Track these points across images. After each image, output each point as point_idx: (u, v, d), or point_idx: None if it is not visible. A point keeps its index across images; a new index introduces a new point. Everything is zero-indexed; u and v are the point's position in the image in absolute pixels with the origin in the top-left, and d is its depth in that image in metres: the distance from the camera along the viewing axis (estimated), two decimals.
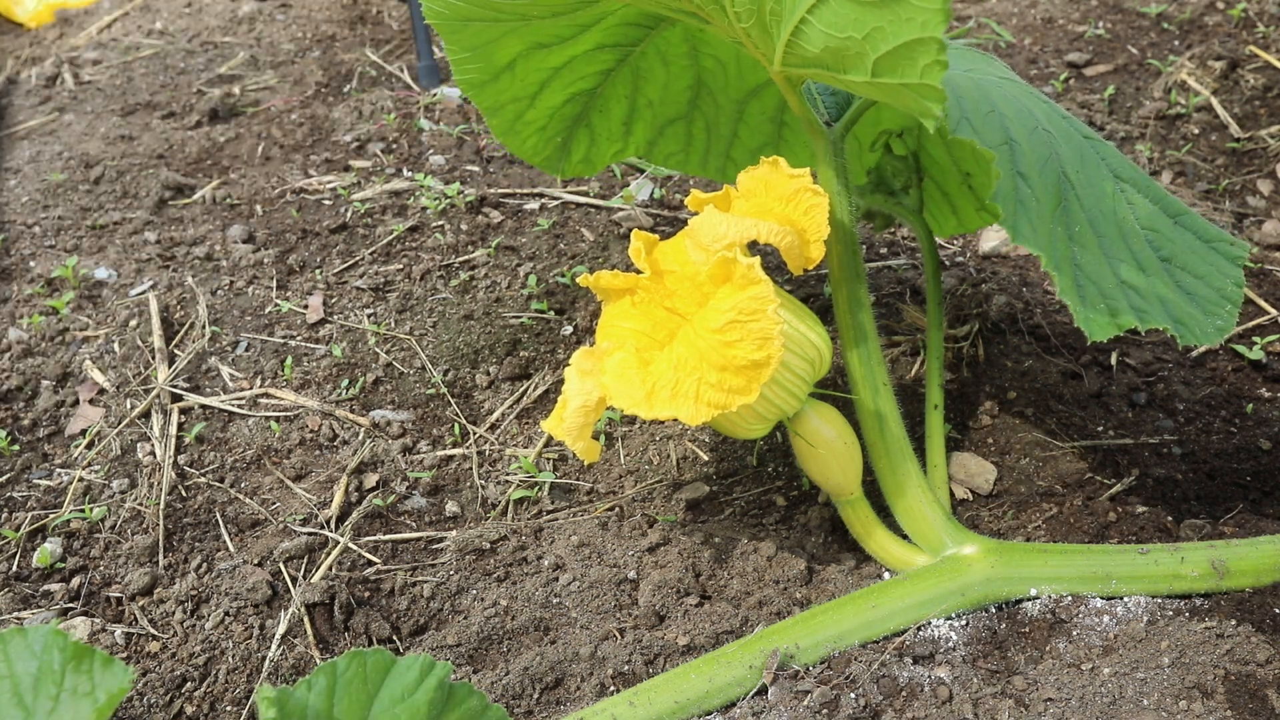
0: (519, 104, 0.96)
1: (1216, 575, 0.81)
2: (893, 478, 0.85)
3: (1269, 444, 1.01)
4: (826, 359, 0.75)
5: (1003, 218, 0.71)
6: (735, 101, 1.01)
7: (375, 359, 1.17)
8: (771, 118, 1.03)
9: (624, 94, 0.99)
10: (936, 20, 0.65)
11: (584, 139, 1.02)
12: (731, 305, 0.66)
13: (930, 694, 0.75)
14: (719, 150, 1.07)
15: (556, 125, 1.00)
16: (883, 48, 0.69)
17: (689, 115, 1.03)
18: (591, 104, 0.99)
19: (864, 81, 0.72)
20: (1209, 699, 0.72)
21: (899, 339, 1.14)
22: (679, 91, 1.00)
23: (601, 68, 0.96)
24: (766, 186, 0.76)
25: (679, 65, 0.98)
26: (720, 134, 1.05)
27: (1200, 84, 1.56)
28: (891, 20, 0.67)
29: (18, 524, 1.00)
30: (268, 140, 1.62)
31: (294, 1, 2.09)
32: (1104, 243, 0.81)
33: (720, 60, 0.97)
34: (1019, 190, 0.75)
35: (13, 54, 1.99)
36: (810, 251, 0.74)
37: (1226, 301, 0.84)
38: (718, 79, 0.99)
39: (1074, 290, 0.74)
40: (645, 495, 0.99)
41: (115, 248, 1.34)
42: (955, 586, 0.81)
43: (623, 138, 1.04)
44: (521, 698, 0.80)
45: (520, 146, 1.00)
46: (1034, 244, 0.73)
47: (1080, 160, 0.85)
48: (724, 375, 0.65)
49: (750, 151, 1.06)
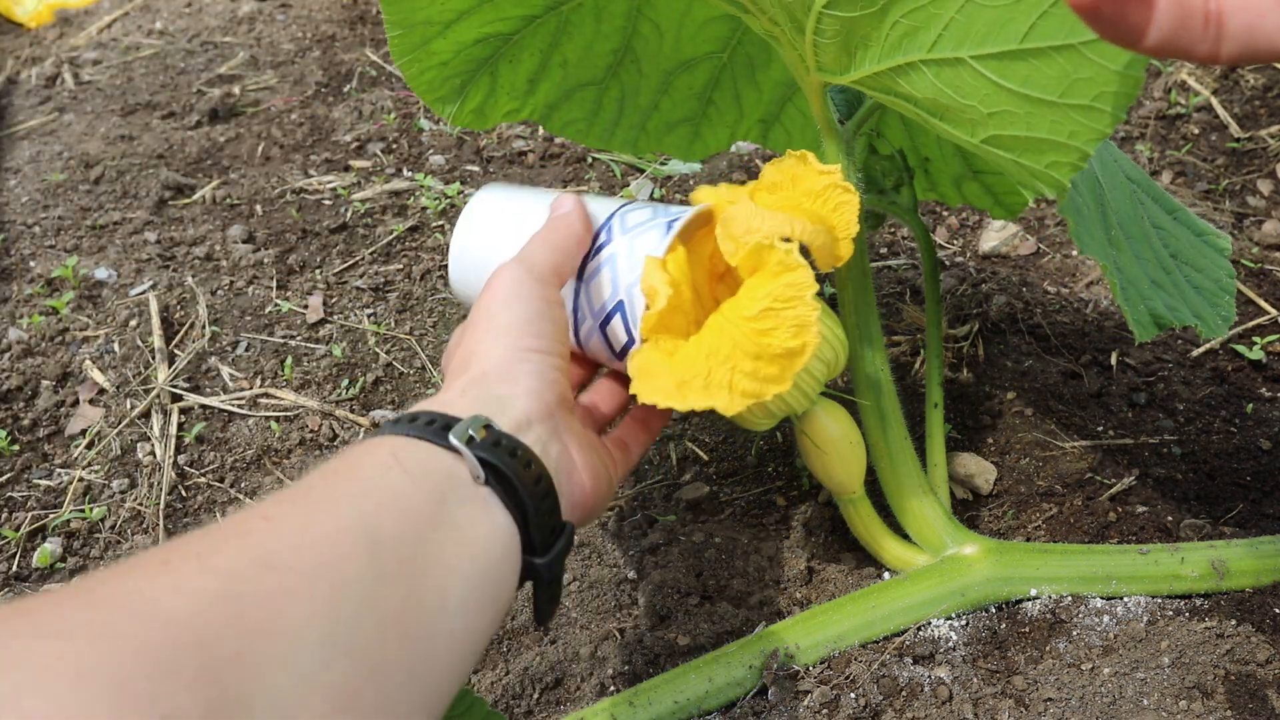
0: (430, 28, 0.86)
1: (1216, 575, 0.81)
2: (894, 477, 0.85)
3: (1269, 444, 1.01)
4: (842, 359, 0.75)
5: (1071, 229, 0.68)
6: (663, 72, 0.95)
7: (375, 359, 1.17)
8: (698, 94, 0.97)
9: (540, 46, 0.91)
10: (1086, 136, 0.59)
11: (484, 87, 0.93)
12: (767, 292, 0.64)
13: (930, 694, 0.75)
14: (632, 122, 0.99)
15: (460, 64, 0.90)
16: (1009, 131, 0.63)
17: (604, 82, 0.95)
18: (503, 50, 0.90)
19: (964, 138, 0.66)
20: (1209, 699, 0.72)
21: (899, 339, 1.14)
22: (601, 54, 0.92)
23: (527, 12, 0.87)
24: (794, 181, 0.74)
25: (612, 25, 0.90)
26: (638, 105, 0.98)
27: (1200, 84, 1.56)
28: (1031, 114, 0.61)
29: (18, 524, 1.00)
30: (268, 140, 1.62)
31: (294, 1, 2.09)
32: (1133, 244, 0.81)
33: (659, 27, 0.90)
34: (1075, 201, 0.72)
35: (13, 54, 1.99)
36: (840, 250, 0.72)
37: (1224, 292, 0.84)
38: (650, 46, 0.92)
39: (1122, 295, 0.73)
40: (645, 495, 0.99)
41: (115, 248, 1.34)
42: (955, 586, 0.81)
43: (524, 95, 0.95)
44: (521, 698, 0.80)
45: (418, 78, 0.90)
46: (1097, 253, 0.71)
47: (1102, 164, 0.84)
48: (758, 364, 0.63)
49: (668, 125, 1.00)
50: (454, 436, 0.52)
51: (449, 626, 0.47)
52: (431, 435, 0.53)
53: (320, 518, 0.45)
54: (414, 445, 0.52)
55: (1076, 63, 0.58)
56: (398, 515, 0.47)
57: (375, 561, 0.44)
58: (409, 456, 0.51)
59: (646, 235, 0.71)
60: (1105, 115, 0.58)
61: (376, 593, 0.43)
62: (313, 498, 0.47)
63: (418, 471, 0.50)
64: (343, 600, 0.41)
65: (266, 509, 0.45)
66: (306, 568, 0.41)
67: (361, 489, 0.48)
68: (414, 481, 0.50)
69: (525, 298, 0.64)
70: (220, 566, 0.39)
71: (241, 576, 0.39)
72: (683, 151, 1.03)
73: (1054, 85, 0.60)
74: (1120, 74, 0.56)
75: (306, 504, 0.46)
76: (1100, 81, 0.57)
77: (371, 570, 0.43)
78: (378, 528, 0.46)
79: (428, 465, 0.51)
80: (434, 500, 0.49)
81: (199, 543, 0.41)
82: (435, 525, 0.48)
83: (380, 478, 0.49)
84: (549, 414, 0.60)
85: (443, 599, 0.47)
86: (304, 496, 0.47)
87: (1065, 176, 0.63)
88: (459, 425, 0.53)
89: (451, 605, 0.47)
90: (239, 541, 0.42)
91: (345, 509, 0.46)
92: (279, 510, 0.45)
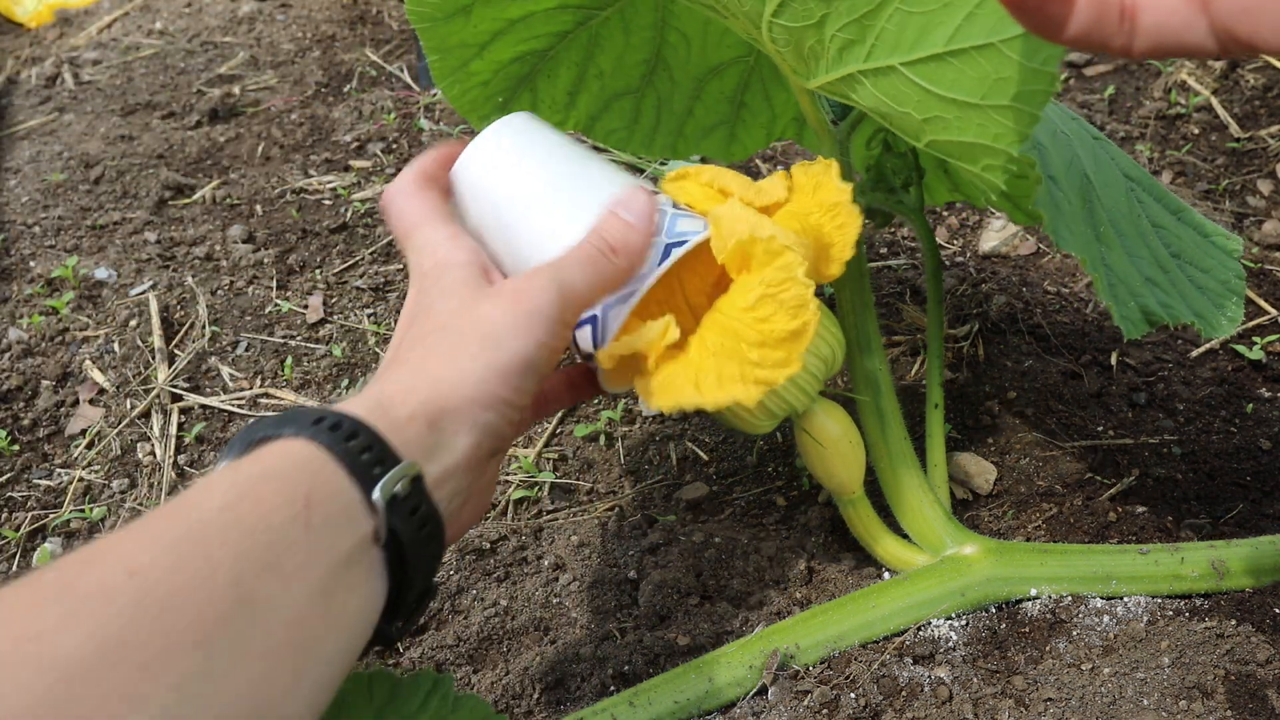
0: (466, 50, 0.87)
1: (1216, 575, 0.81)
2: (894, 477, 0.85)
3: (1269, 444, 1.00)
4: (839, 357, 0.75)
5: (1046, 223, 0.69)
6: (694, 79, 0.97)
7: (375, 359, 1.17)
8: (730, 98, 0.99)
9: (575, 60, 0.92)
10: (1009, 138, 0.60)
11: (525, 103, 0.94)
12: (760, 280, 0.64)
13: (930, 694, 0.75)
14: (670, 128, 1.01)
15: (500, 83, 0.91)
16: (943, 136, 0.64)
17: (640, 90, 0.97)
18: (540, 66, 0.92)
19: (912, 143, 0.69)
20: (1209, 699, 0.72)
21: (899, 339, 1.14)
22: (634, 65, 0.94)
23: (558, 29, 0.89)
24: (816, 188, 0.74)
25: (640, 36, 0.91)
26: (673, 111, 1.00)
27: (1200, 84, 1.56)
28: (960, 117, 0.62)
29: (18, 524, 1.00)
30: (268, 140, 1.62)
31: (294, 1, 2.09)
32: (1125, 242, 0.81)
33: (686, 36, 0.92)
34: (1054, 195, 0.74)
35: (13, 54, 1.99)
36: (831, 269, 0.71)
37: (1232, 294, 0.84)
38: (679, 54, 0.94)
39: (1108, 291, 0.74)
40: (645, 495, 0.99)
41: (115, 248, 1.34)
42: (955, 586, 0.81)
43: (565, 108, 0.97)
44: (521, 698, 0.80)
45: (460, 98, 0.91)
46: (1076, 248, 0.71)
47: (1095, 161, 0.85)
48: (764, 351, 0.63)
49: (704, 129, 1.02)
50: (380, 491, 0.47)
51: (297, 710, 0.43)
52: (359, 472, 0.47)
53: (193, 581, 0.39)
54: (333, 481, 0.46)
55: (997, 62, 0.59)
56: (279, 585, 0.42)
57: (237, 645, 0.39)
58: (320, 502, 0.45)
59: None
60: (1024, 115, 0.60)
61: (229, 684, 0.38)
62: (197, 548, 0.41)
63: (320, 525, 0.44)
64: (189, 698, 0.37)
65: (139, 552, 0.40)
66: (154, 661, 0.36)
67: (253, 545, 0.42)
68: (311, 540, 0.44)
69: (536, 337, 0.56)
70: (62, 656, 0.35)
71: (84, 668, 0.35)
72: (722, 153, 1.05)
73: (977, 87, 0.61)
74: (1036, 70, 0.58)
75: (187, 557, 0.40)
76: (1019, 80, 0.59)
77: (229, 657, 0.39)
78: (252, 600, 0.40)
79: (333, 515, 0.46)
80: (324, 562, 0.44)
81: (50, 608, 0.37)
82: (316, 595, 0.43)
83: (279, 533, 0.43)
84: (478, 466, 0.55)
85: (298, 682, 0.42)
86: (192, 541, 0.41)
87: (999, 179, 0.64)
88: (389, 476, 0.47)
89: (305, 688, 0.43)
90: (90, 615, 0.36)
91: (224, 573, 0.40)
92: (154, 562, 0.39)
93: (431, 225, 0.63)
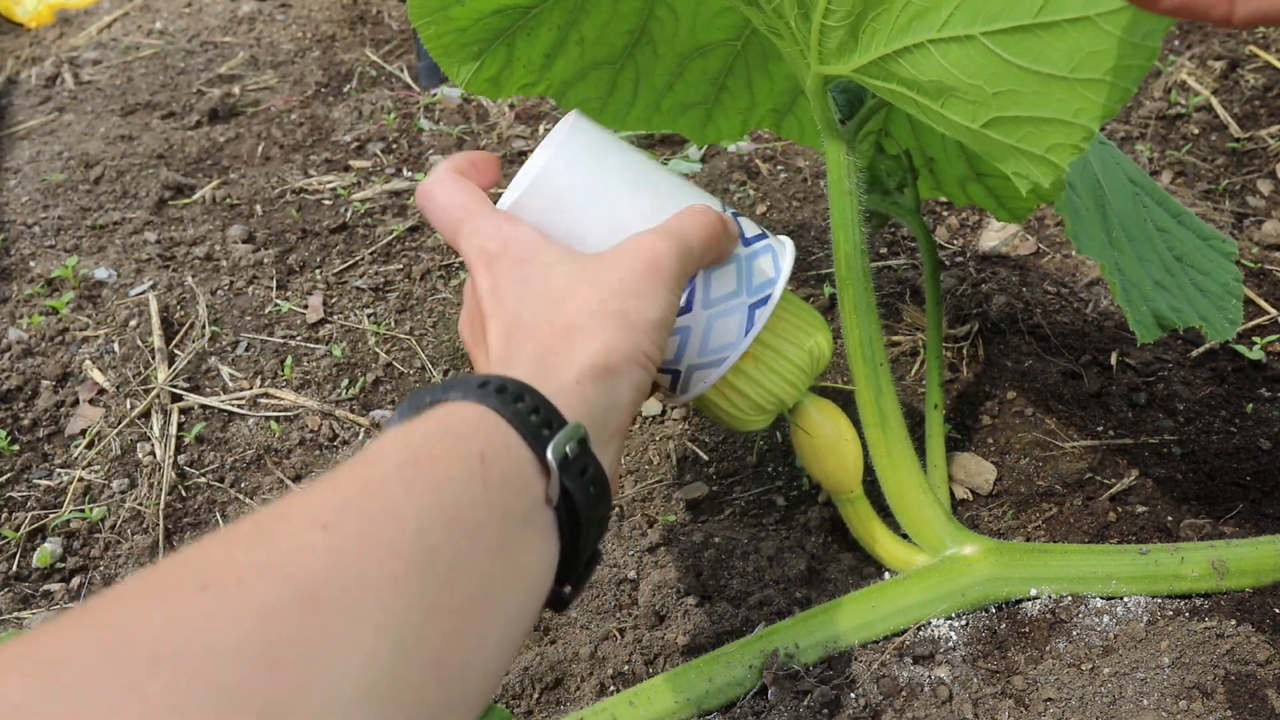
0: None
1: (1216, 575, 0.81)
2: (894, 477, 0.85)
3: (1269, 444, 1.00)
4: (825, 350, 0.74)
5: (1067, 228, 0.69)
6: (678, 56, 0.95)
7: (375, 359, 1.17)
8: (712, 79, 0.97)
9: (557, 23, 0.90)
10: (1093, 113, 0.58)
11: (500, 57, 0.92)
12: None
13: (930, 694, 0.75)
14: (646, 101, 0.99)
15: (477, 33, 0.89)
16: (1013, 111, 0.62)
17: (619, 62, 0.95)
18: (521, 24, 0.89)
19: (964, 123, 0.66)
20: (1209, 699, 0.72)
21: (899, 339, 1.14)
22: (618, 35, 0.92)
23: None
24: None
25: (629, 6, 0.90)
26: (652, 85, 0.98)
27: (1200, 84, 1.56)
28: (1038, 91, 0.60)
29: (18, 524, 1.00)
30: (268, 140, 1.62)
31: (294, 1, 2.09)
32: (1135, 246, 0.81)
33: (675, 11, 0.91)
34: (1072, 200, 0.73)
35: (13, 54, 1.99)
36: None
37: (1231, 296, 0.85)
38: (665, 29, 0.92)
39: (1123, 296, 0.74)
40: (645, 495, 0.99)
41: (115, 248, 1.34)
42: (955, 586, 0.81)
43: (539, 70, 0.94)
44: (521, 698, 0.80)
45: (434, 40, 0.89)
46: (1094, 252, 0.71)
47: (1103, 166, 0.85)
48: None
49: (682, 106, 1.00)
50: (551, 451, 0.47)
51: (485, 665, 0.43)
52: (529, 433, 0.47)
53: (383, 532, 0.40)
54: (505, 441, 0.47)
55: (1091, 35, 0.57)
56: (463, 539, 0.43)
57: (426, 597, 0.40)
58: (495, 459, 0.46)
59: (726, 322, 0.67)
60: (1117, 89, 0.58)
61: (423, 634, 0.39)
62: (382, 501, 0.42)
63: (496, 482, 0.45)
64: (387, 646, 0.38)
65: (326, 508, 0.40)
66: (354, 605, 0.37)
67: (436, 500, 0.43)
68: (489, 496, 0.44)
69: (667, 289, 0.57)
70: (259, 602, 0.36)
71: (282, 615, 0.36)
72: (696, 133, 1.03)
73: (1066, 60, 0.59)
74: (1136, 45, 0.56)
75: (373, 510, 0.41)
76: (1116, 54, 0.57)
77: (422, 607, 0.40)
78: (438, 552, 0.41)
79: (508, 474, 0.46)
80: (501, 519, 0.45)
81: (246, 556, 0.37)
82: (495, 553, 0.44)
83: (459, 488, 0.44)
84: (625, 431, 0.56)
85: (485, 638, 0.43)
86: (376, 495, 0.42)
87: (1065, 160, 0.62)
88: (560, 436, 0.48)
89: (491, 644, 0.44)
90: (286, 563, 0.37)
91: (411, 525, 0.41)
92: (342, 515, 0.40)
93: (482, 211, 0.63)
